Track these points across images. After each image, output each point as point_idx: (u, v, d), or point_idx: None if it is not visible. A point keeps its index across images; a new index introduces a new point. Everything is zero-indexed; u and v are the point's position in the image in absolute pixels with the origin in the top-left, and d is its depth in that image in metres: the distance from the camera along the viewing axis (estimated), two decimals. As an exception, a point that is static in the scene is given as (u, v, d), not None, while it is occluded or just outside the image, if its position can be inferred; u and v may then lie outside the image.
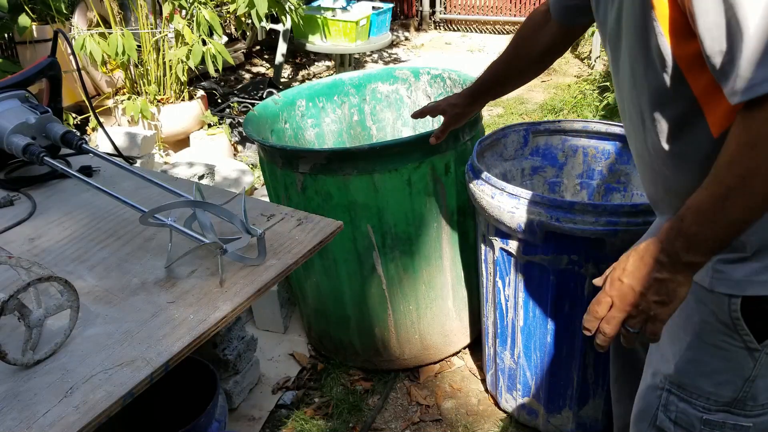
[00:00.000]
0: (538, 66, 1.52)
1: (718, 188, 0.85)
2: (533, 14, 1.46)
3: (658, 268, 0.92)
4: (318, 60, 6.05)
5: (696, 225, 0.88)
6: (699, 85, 0.91)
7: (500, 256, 1.82)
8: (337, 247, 2.05)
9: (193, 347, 1.06)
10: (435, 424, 2.10)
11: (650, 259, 0.93)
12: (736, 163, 0.82)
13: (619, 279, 0.97)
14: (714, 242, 0.89)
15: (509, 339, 1.94)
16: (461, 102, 1.67)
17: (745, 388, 1.05)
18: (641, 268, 0.94)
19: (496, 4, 6.93)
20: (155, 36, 3.76)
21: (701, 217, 0.88)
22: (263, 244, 1.24)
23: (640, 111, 1.03)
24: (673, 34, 0.89)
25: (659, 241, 0.92)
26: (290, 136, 2.47)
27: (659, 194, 1.12)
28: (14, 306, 0.99)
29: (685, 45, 0.88)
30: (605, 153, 2.08)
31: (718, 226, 0.87)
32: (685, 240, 0.90)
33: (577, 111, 4.46)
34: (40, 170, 1.64)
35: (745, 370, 1.04)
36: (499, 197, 1.68)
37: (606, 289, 0.99)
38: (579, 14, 1.33)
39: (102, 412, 0.93)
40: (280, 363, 2.39)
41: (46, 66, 1.65)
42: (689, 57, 0.89)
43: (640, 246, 0.95)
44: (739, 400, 1.06)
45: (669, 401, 1.12)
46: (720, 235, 0.88)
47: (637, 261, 0.95)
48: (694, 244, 0.89)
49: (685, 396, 1.10)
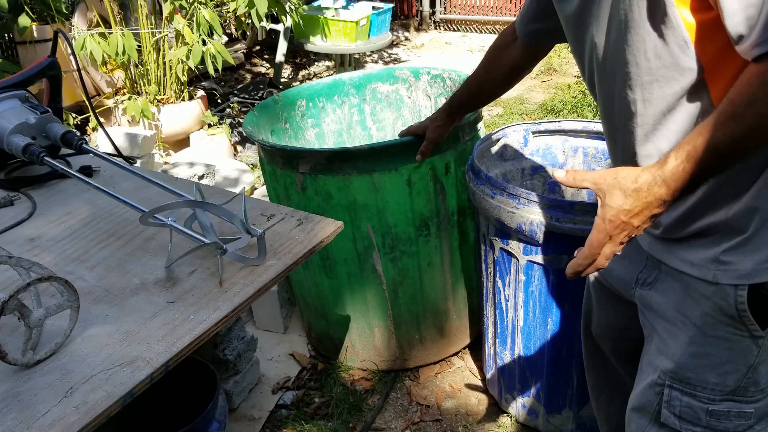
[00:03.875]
0: (506, 83, 1.58)
1: (737, 128, 0.84)
2: (504, 31, 1.52)
3: (659, 205, 0.94)
4: (318, 60, 6.05)
5: (712, 164, 0.88)
6: (707, 54, 0.90)
7: (500, 256, 1.82)
8: (337, 247, 2.05)
9: (193, 347, 1.06)
10: (435, 424, 2.10)
11: (654, 199, 0.93)
12: (759, 102, 0.82)
13: (622, 221, 0.96)
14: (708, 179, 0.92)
15: (509, 339, 1.94)
16: (440, 117, 1.77)
17: (748, 375, 1.06)
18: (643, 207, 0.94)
19: (496, 4, 6.93)
20: (155, 36, 3.76)
21: (718, 156, 0.87)
22: (263, 244, 1.24)
23: (627, 98, 1.02)
24: (683, 2, 0.88)
25: (664, 180, 0.91)
26: (290, 136, 2.47)
27: None
28: (14, 306, 0.99)
29: (699, 13, 0.88)
30: (605, 153, 2.08)
31: (729, 164, 0.89)
32: (693, 179, 0.90)
33: (577, 111, 4.46)
34: (40, 170, 1.64)
35: (750, 357, 1.05)
36: (499, 197, 1.68)
37: (608, 230, 0.98)
38: (543, 37, 1.40)
39: (102, 412, 0.93)
40: (280, 363, 2.39)
41: (46, 66, 1.65)
42: (700, 25, 0.88)
43: (640, 185, 0.93)
44: (743, 388, 1.07)
45: (672, 396, 1.11)
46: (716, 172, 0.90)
47: (639, 200, 0.94)
48: (700, 182, 0.91)
49: (688, 390, 1.10)
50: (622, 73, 1.00)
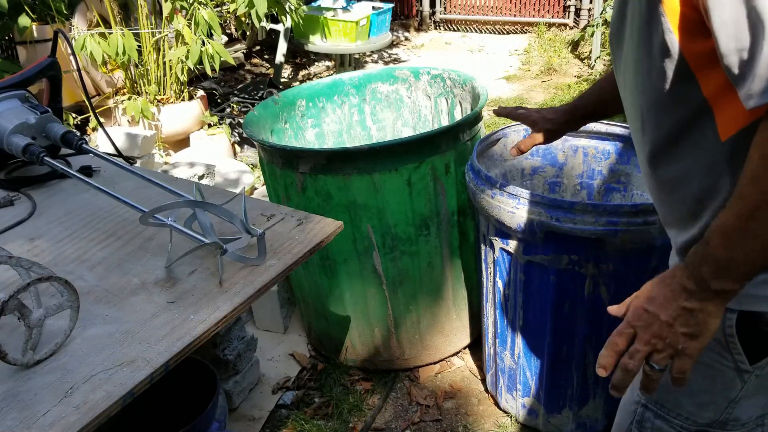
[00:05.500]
0: None
1: (743, 206, 0.78)
2: None
3: (686, 296, 0.84)
4: (318, 60, 6.05)
5: (723, 248, 0.81)
6: (709, 84, 0.84)
7: (500, 256, 1.82)
8: (337, 247, 2.05)
9: (193, 347, 1.06)
10: (435, 424, 2.10)
11: (677, 286, 0.85)
12: (760, 178, 0.75)
13: (642, 308, 0.88)
14: (745, 266, 0.81)
15: (509, 339, 1.94)
16: (557, 118, 1.50)
17: (728, 410, 0.99)
18: (668, 296, 0.86)
19: (496, 4, 6.93)
20: (155, 36, 3.76)
21: (727, 238, 0.80)
22: (263, 244, 1.24)
23: (641, 115, 0.96)
24: (682, 30, 0.82)
25: (685, 266, 0.85)
26: (290, 136, 2.47)
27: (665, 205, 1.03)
28: (14, 306, 0.99)
29: (696, 42, 0.81)
30: (605, 153, 2.08)
31: (747, 248, 0.79)
32: (713, 265, 0.82)
33: (577, 111, 4.45)
34: (40, 170, 1.64)
35: (732, 391, 0.97)
36: (499, 197, 1.68)
37: (629, 319, 0.89)
38: None
39: (102, 412, 0.93)
40: (280, 363, 2.39)
41: (46, 66, 1.66)
42: (700, 55, 0.82)
43: (665, 272, 0.88)
44: (721, 422, 1.00)
45: (644, 417, 1.06)
46: (751, 258, 0.80)
47: (663, 288, 0.86)
48: (723, 269, 0.82)
49: (662, 413, 1.04)
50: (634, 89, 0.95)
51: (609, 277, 1.66)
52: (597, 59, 5.38)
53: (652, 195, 1.04)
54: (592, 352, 1.79)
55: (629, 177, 2.05)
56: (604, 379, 1.83)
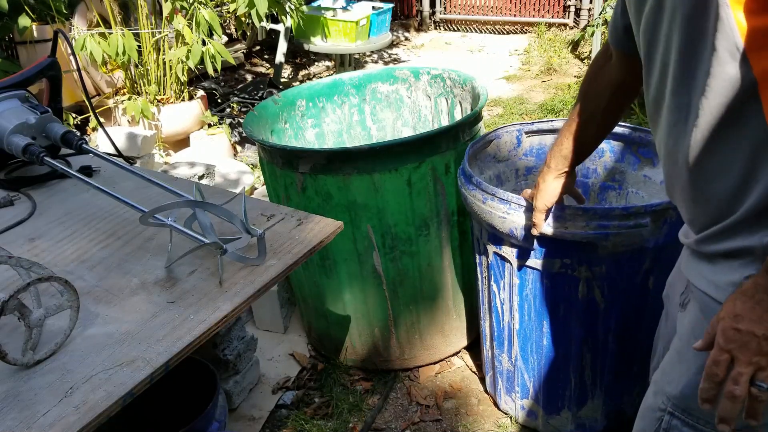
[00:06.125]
0: (612, 107, 1.36)
1: None
2: (594, 58, 1.37)
3: None
4: (318, 60, 6.05)
5: None
6: (760, 65, 0.80)
7: (494, 260, 1.82)
8: (337, 247, 2.05)
9: (193, 347, 1.06)
10: (435, 424, 2.10)
11: (764, 295, 0.81)
12: None
13: (733, 328, 0.83)
14: None
15: (506, 342, 1.94)
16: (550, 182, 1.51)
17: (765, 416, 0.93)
18: (756, 309, 0.81)
19: (496, 4, 6.93)
20: (155, 36, 3.76)
21: None
22: (263, 244, 1.24)
23: (687, 103, 0.91)
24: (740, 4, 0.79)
25: (766, 272, 0.81)
26: (290, 136, 2.47)
27: (698, 199, 0.99)
28: (14, 306, 0.99)
29: (754, 18, 0.79)
30: (600, 151, 2.07)
31: None
32: None
33: (577, 111, 4.45)
34: (40, 170, 1.64)
35: None
36: (490, 202, 1.67)
37: (721, 344, 0.84)
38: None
39: (102, 412, 0.93)
40: (280, 363, 2.39)
41: (46, 66, 1.66)
42: (756, 32, 0.79)
43: (745, 286, 0.83)
44: (752, 428, 0.96)
45: (671, 425, 1.03)
46: None
47: (748, 302, 0.82)
48: None
49: (691, 421, 1.01)
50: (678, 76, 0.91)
51: (602, 279, 1.66)
52: (597, 59, 5.37)
53: (682, 190, 1.00)
54: (589, 354, 1.79)
55: (624, 175, 2.05)
56: (602, 381, 1.84)
